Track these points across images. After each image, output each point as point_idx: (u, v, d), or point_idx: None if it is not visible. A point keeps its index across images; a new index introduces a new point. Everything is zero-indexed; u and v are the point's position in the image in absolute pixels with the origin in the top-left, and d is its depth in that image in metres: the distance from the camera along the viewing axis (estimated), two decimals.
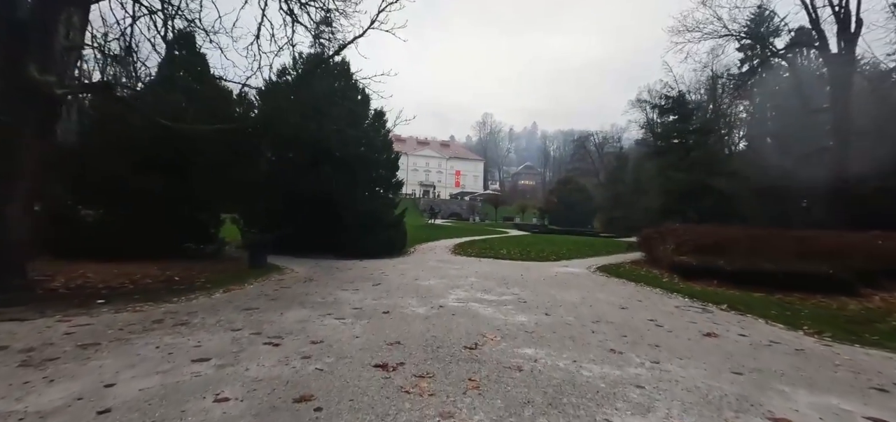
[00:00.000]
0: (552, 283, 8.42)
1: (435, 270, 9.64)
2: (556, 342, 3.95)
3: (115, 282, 6.36)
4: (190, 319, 4.37)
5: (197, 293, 5.99)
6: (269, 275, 8.33)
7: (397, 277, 8.34)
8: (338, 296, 6.10)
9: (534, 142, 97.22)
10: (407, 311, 5.17)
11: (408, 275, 8.79)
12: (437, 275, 8.86)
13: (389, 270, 9.65)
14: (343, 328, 4.20)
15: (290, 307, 5.17)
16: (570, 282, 8.71)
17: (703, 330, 4.74)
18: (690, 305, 6.53)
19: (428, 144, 75.82)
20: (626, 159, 43.15)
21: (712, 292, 7.97)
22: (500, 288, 7.39)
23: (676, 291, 8.08)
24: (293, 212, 14.30)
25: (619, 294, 7.36)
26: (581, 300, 6.49)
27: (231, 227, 16.18)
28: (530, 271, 10.30)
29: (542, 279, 8.90)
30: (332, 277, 8.38)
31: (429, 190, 67.76)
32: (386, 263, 11.25)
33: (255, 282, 7.44)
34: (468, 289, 7.15)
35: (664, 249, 11.83)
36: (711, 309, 6.29)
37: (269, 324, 4.26)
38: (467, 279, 8.34)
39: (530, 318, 5.00)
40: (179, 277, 7.21)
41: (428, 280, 8.05)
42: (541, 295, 6.82)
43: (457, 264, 11.32)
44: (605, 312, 5.61)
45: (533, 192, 70.61)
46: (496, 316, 5.03)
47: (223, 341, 3.64)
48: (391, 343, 3.71)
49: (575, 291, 7.35)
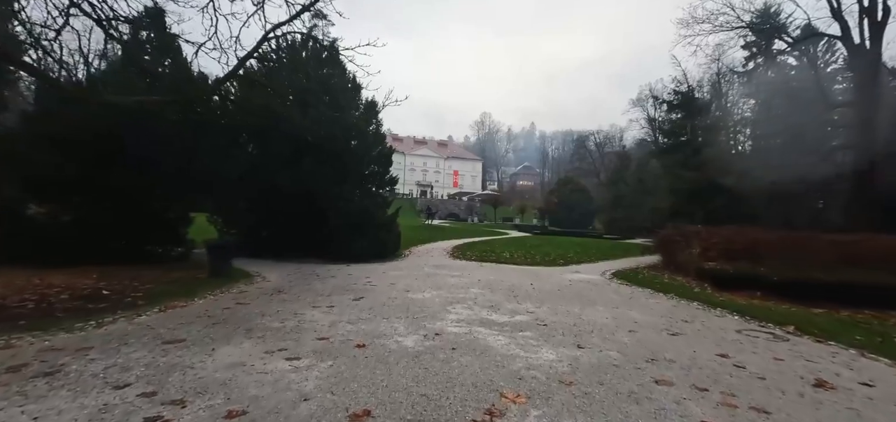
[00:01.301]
0: (570, 295, 7.06)
1: (431, 279, 8.27)
2: (612, 406, 2.60)
3: (15, 297, 4.94)
4: (67, 364, 2.97)
5: (119, 314, 4.59)
6: (231, 285, 6.93)
7: (385, 288, 6.96)
8: (304, 318, 4.71)
9: (532, 142, 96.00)
10: (390, 343, 3.79)
11: (398, 284, 7.41)
12: (433, 285, 7.49)
13: (378, 277, 8.27)
14: (290, 380, 2.83)
15: (230, 338, 3.78)
16: (590, 294, 7.35)
17: (802, 374, 3.40)
18: (750, 328, 5.19)
19: (425, 144, 74.40)
20: (629, 159, 41.93)
21: (762, 308, 6.64)
22: (509, 303, 6.03)
23: (717, 304, 6.75)
24: (274, 210, 12.90)
25: (656, 311, 6.02)
26: (614, 322, 5.14)
27: (208, 227, 14.77)
28: (540, 279, 8.95)
29: (557, 290, 7.54)
30: (308, 287, 6.98)
31: (426, 190, 66.35)
32: (375, 269, 9.86)
33: (208, 295, 6.03)
34: (471, 305, 5.78)
35: (689, 253, 10.53)
36: (779, 333, 4.95)
37: (181, 373, 2.87)
38: (469, 291, 6.97)
39: (560, 354, 3.64)
40: (112, 290, 5.79)
41: (422, 292, 6.67)
42: (562, 314, 5.46)
43: (456, 271, 9.96)
44: (653, 341, 4.26)
45: (531, 192, 69.39)
46: (513, 351, 3.67)
47: (84, 414, 2.26)
48: (358, 415, 2.34)
49: (602, 308, 6.00)
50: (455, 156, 75.48)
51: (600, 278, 9.96)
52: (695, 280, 9.67)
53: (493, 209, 46.37)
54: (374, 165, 14.43)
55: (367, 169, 14.10)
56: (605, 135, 59.04)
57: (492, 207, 47.19)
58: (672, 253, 11.82)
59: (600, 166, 57.58)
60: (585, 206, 43.92)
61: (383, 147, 14.59)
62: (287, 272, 9.09)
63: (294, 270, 9.45)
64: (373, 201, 13.41)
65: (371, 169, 14.29)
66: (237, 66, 6.77)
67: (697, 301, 7.06)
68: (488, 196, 54.17)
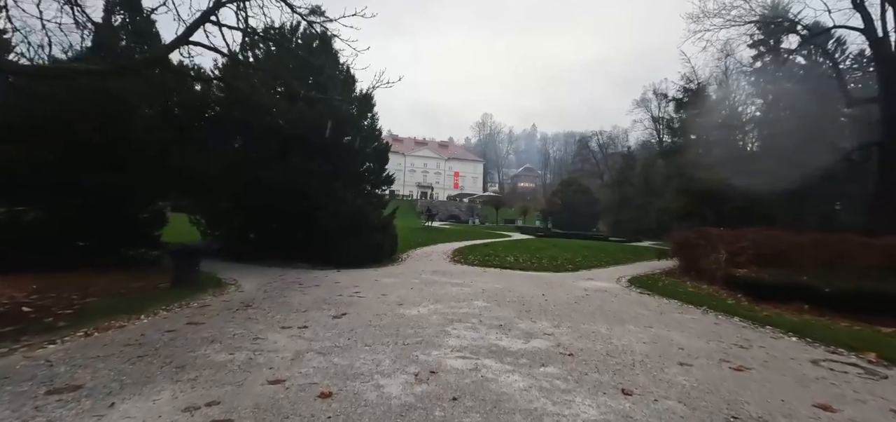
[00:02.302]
0: (590, 309, 6.03)
1: (428, 288, 7.25)
2: None
3: None
4: None
5: (22, 342, 3.56)
6: (194, 297, 5.91)
7: (375, 301, 5.95)
8: (262, 346, 3.69)
9: (533, 144, 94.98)
10: (367, 389, 2.78)
11: (390, 296, 6.39)
12: (431, 296, 6.47)
13: (368, 286, 7.26)
14: None
15: (147, 384, 2.76)
16: (612, 307, 6.33)
17: None
18: (828, 358, 4.16)
19: (426, 145, 73.39)
20: (634, 159, 40.88)
21: (819, 326, 5.60)
22: (521, 321, 5.01)
23: (763, 321, 5.73)
24: (261, 211, 11.92)
25: (699, 332, 4.99)
26: (655, 349, 4.12)
27: (191, 228, 13.78)
28: (552, 288, 7.92)
29: (574, 302, 6.52)
30: (283, 300, 5.96)
31: (427, 191, 65.32)
32: (367, 276, 8.85)
33: (160, 311, 5.02)
34: (475, 324, 4.76)
35: (715, 258, 9.50)
36: (866, 364, 3.93)
37: None
38: (472, 304, 5.95)
39: (602, 406, 2.63)
40: (39, 305, 4.78)
41: (417, 306, 5.65)
42: (588, 337, 4.44)
43: (457, 277, 8.94)
44: (718, 381, 3.23)
45: (533, 194, 68.37)
46: (537, 403, 2.66)
47: None
48: None
49: (633, 328, 4.97)
50: (456, 157, 74.47)
51: (617, 287, 8.94)
52: (724, 289, 8.65)
53: (494, 211, 45.34)
54: (370, 162, 13.43)
55: (362, 166, 13.11)
56: (609, 135, 58.03)
57: (493, 208, 46.16)
58: (692, 258, 10.79)
59: (604, 167, 56.52)
60: (589, 207, 42.86)
61: (379, 143, 13.59)
62: (267, 280, 8.08)
63: (276, 277, 8.44)
64: (367, 201, 12.40)
65: (366, 166, 13.30)
66: (192, 27, 5.78)
67: (738, 317, 6.03)
68: (490, 198, 53.16)
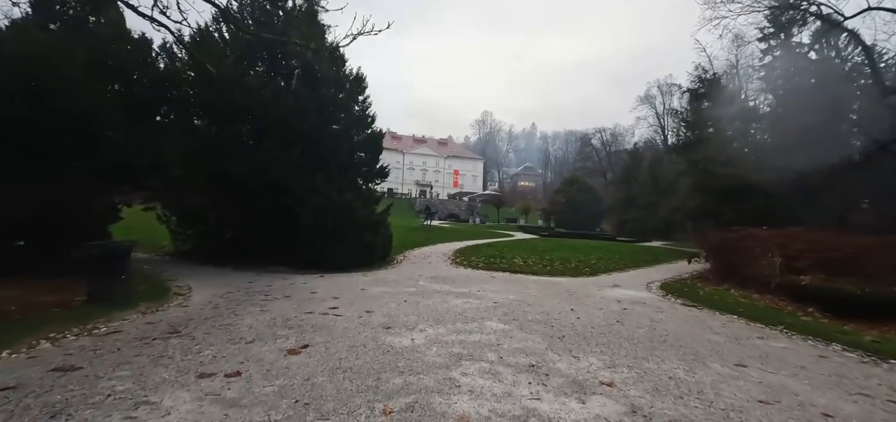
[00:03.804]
0: (645, 334, 4.50)
1: (426, 299, 5.71)
2: None
3: None
4: None
5: None
6: (112, 315, 4.36)
7: (353, 321, 4.41)
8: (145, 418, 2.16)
9: (533, 143, 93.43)
10: None
11: (377, 312, 4.85)
12: (430, 313, 4.93)
13: (350, 298, 5.72)
14: None
15: None
16: (671, 330, 4.79)
17: None
18: None
19: (425, 142, 71.73)
20: (641, 157, 39.36)
21: None
22: (560, 357, 3.49)
23: (877, 350, 4.23)
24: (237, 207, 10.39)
25: (813, 373, 3.46)
26: (783, 416, 2.60)
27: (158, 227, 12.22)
28: (580, 300, 6.39)
29: (616, 321, 4.99)
30: (229, 322, 4.41)
31: (426, 190, 63.73)
32: (353, 283, 7.30)
33: (42, 341, 3.48)
34: (495, 365, 3.23)
35: (769, 262, 7.99)
36: None
37: None
38: (485, 327, 4.42)
39: None
40: None
41: (409, 331, 4.11)
42: (668, 390, 2.91)
43: (461, 284, 7.40)
44: None
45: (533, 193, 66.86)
46: None
47: None
48: None
49: (721, 369, 3.44)
50: (455, 155, 72.88)
51: (653, 297, 7.42)
52: (784, 300, 7.15)
53: (495, 210, 43.82)
54: (361, 152, 11.88)
55: (352, 157, 11.55)
56: (612, 133, 56.52)
57: (494, 207, 44.63)
58: (733, 262, 9.29)
59: (607, 166, 55.02)
60: (593, 206, 41.38)
61: (372, 131, 12.03)
62: (228, 288, 6.53)
63: (242, 285, 6.90)
64: (356, 196, 10.81)
65: (356, 157, 11.75)
66: None
67: (837, 344, 4.52)
68: (490, 196, 51.61)
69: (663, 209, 30.27)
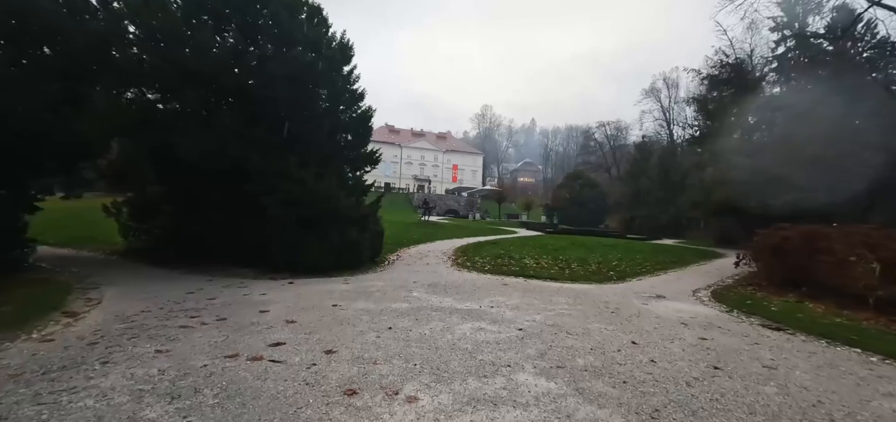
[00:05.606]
0: (789, 404, 2.74)
1: (419, 325, 3.93)
2: None
3: None
4: None
5: None
6: None
7: (294, 382, 2.64)
8: None
9: (532, 138, 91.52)
10: None
11: (342, 354, 3.08)
12: (425, 355, 3.15)
13: (309, 324, 3.94)
14: None
15: None
16: (807, 385, 3.02)
17: None
18: None
19: (423, 136, 69.64)
20: (650, 151, 37.51)
21: None
22: None
23: None
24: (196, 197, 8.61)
25: None
26: None
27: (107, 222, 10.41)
28: (636, 325, 4.62)
29: (707, 367, 3.23)
30: (83, 381, 2.63)
31: (424, 184, 61.83)
32: (326, 294, 5.50)
33: None
34: None
35: (863, 269, 6.22)
36: None
37: None
38: (517, 385, 2.65)
39: None
40: None
41: (388, 402, 2.34)
42: None
43: (467, 295, 5.62)
44: None
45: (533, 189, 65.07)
46: None
47: None
48: None
49: None
50: (454, 149, 70.92)
51: (720, 315, 5.66)
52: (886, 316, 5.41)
53: (496, 205, 42.02)
54: (346, 133, 10.04)
55: (335, 137, 9.70)
56: (616, 126, 54.60)
57: (495, 203, 42.84)
58: (798, 266, 7.54)
59: (612, 160, 53.15)
60: (598, 202, 39.58)
61: (361, 110, 10.17)
62: (149, 305, 4.73)
63: (175, 299, 5.10)
64: (339, 184, 8.94)
65: (340, 138, 9.90)
66: None
67: None
68: (491, 191, 49.82)
69: (677, 205, 28.52)
